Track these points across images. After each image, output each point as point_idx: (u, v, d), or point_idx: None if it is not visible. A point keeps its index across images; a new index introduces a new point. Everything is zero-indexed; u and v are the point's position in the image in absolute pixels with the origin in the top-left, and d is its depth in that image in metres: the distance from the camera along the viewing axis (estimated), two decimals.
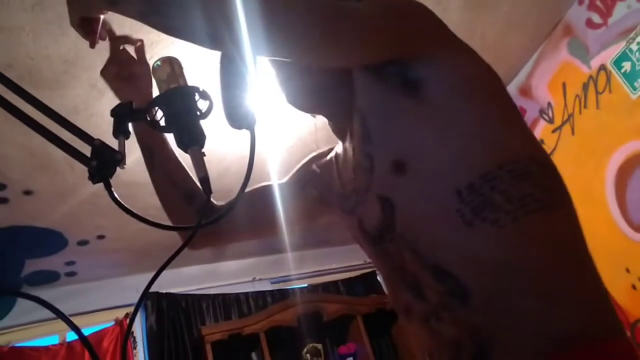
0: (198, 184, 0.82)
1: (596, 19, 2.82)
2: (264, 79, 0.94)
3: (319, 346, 4.34)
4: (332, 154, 1.17)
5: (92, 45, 1.02)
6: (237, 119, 0.83)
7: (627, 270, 2.70)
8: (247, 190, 0.84)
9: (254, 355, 4.18)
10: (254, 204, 1.18)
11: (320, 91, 1.06)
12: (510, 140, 0.86)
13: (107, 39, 1.09)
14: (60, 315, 0.68)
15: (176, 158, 1.14)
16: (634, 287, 2.67)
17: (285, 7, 0.80)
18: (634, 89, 2.63)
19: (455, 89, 0.88)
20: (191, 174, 1.15)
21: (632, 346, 0.74)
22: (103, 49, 1.09)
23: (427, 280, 0.82)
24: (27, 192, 3.03)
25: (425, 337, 0.88)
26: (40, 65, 2.23)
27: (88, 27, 0.98)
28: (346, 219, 1.07)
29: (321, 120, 1.14)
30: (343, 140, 1.08)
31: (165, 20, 0.80)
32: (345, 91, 0.98)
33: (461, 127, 0.85)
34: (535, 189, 0.80)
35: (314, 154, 1.26)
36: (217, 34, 0.79)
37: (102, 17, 0.99)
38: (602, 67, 2.81)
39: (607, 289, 0.68)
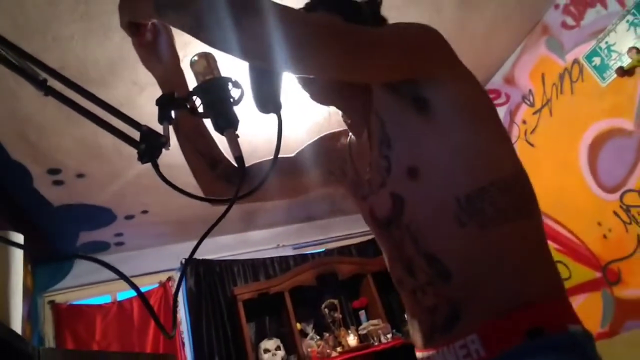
0: (225, 155, 0.88)
1: (570, 21, 2.88)
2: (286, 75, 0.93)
3: (335, 301, 4.35)
4: (346, 140, 1.18)
5: (139, 45, 0.99)
6: (265, 105, 0.82)
7: (599, 224, 2.84)
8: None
9: None
10: (278, 174, 1.20)
11: (341, 93, 1.07)
12: (501, 159, 0.93)
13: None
14: (121, 275, 0.68)
15: (200, 128, 1.13)
16: (604, 236, 2.82)
17: (316, 30, 0.79)
18: (603, 78, 2.70)
19: (458, 110, 0.92)
20: (219, 145, 1.16)
21: (565, 306, 0.86)
22: None
23: (420, 264, 0.92)
24: (80, 175, 3.05)
25: (411, 304, 0.99)
26: (88, 68, 2.24)
27: (135, 29, 0.95)
28: (358, 203, 1.13)
29: (334, 109, 1.14)
30: (357, 134, 1.10)
31: (209, 35, 0.78)
32: (365, 96, 1.02)
33: (463, 145, 0.91)
34: (515, 202, 0.88)
35: (326, 134, 1.27)
36: (254, 53, 0.79)
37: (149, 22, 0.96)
38: (576, 61, 2.87)
39: (583, 239, 0.82)
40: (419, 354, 0.99)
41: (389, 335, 4.03)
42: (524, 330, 0.80)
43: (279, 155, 0.78)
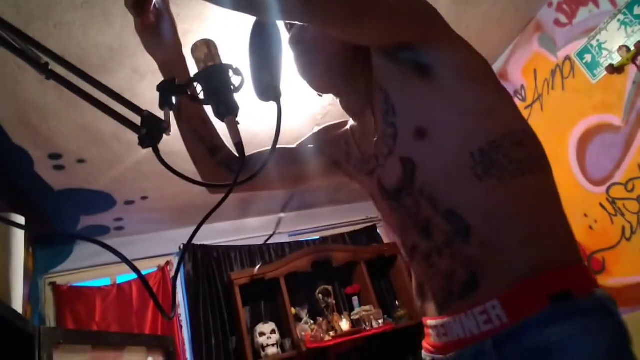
0: (225, 142, 0.85)
1: (563, 19, 2.87)
2: (286, 62, 0.91)
3: (329, 287, 4.36)
4: (347, 127, 1.17)
5: (143, 25, 0.96)
6: (265, 93, 0.81)
7: (585, 215, 2.86)
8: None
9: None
10: (278, 163, 1.19)
11: (343, 74, 1.06)
12: (507, 116, 0.91)
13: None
14: (121, 256, 0.67)
15: (201, 115, 1.12)
16: (590, 227, 2.84)
17: None
18: (594, 75, 2.70)
19: (459, 73, 0.91)
20: (219, 132, 1.15)
21: (587, 270, 0.83)
22: None
23: (438, 222, 0.87)
24: (80, 161, 3.02)
25: (422, 271, 0.94)
26: (89, 54, 2.21)
27: (140, 10, 0.92)
28: (365, 180, 1.09)
29: (333, 100, 1.13)
30: (360, 115, 1.08)
31: None
32: (366, 74, 1.01)
33: (469, 104, 0.89)
34: (528, 156, 0.86)
35: (325, 125, 1.26)
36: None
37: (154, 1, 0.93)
38: (567, 58, 2.87)
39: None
40: (430, 322, 0.95)
41: (381, 321, 4.05)
42: (549, 294, 0.76)
43: (281, 145, 0.77)
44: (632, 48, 2.42)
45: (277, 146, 0.78)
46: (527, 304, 0.77)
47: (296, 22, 1.02)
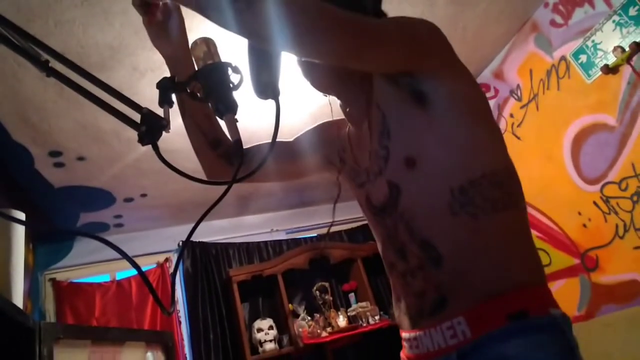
0: (228, 136, 0.88)
1: (558, 20, 2.87)
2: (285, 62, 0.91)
3: (326, 284, 4.36)
4: (345, 130, 1.17)
5: (149, 24, 0.97)
6: (264, 91, 0.81)
7: (579, 214, 2.87)
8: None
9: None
10: (276, 157, 1.20)
11: (343, 82, 1.07)
12: (493, 154, 0.94)
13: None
14: (121, 252, 0.66)
15: (204, 109, 1.12)
16: (584, 225, 2.85)
17: (322, 14, 0.78)
18: (589, 75, 2.71)
19: (455, 105, 0.93)
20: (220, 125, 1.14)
21: (546, 292, 0.89)
22: (144, 36, 1.04)
23: (413, 249, 0.93)
24: (80, 158, 3.02)
25: (399, 287, 1.00)
26: (89, 52, 2.21)
27: (146, 8, 0.93)
28: (355, 190, 1.13)
29: (333, 98, 1.13)
30: (357, 124, 1.09)
31: (215, 14, 0.77)
32: (366, 87, 1.02)
33: (459, 139, 0.92)
34: (504, 195, 0.90)
35: (327, 121, 1.26)
36: (260, 34, 0.76)
37: (161, 1, 0.94)
38: (563, 58, 2.87)
39: (564, 227, 0.83)
40: (405, 335, 1.00)
41: (377, 317, 4.06)
42: (507, 313, 0.82)
43: (279, 140, 0.78)
44: (627, 49, 2.42)
45: (277, 140, 0.78)
46: (489, 321, 0.83)
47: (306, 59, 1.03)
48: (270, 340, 3.91)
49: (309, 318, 4.06)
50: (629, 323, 2.30)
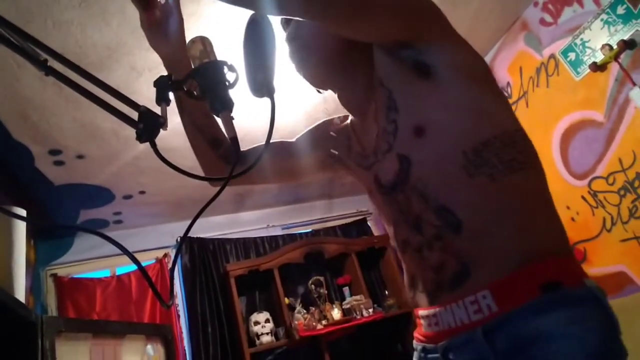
0: (224, 134, 0.86)
1: (548, 18, 2.88)
2: (279, 59, 0.90)
3: (321, 278, 4.37)
4: (347, 122, 1.16)
5: (148, 23, 0.95)
6: (259, 89, 0.81)
7: (568, 207, 2.88)
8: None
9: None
10: (274, 156, 1.18)
11: (338, 70, 1.05)
12: (502, 116, 0.91)
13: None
14: (121, 248, 0.67)
15: (203, 108, 1.10)
16: (572, 219, 2.86)
17: None
18: (577, 73, 2.71)
19: (457, 73, 0.90)
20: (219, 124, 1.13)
21: (576, 262, 0.83)
22: (141, 36, 1.03)
23: (428, 218, 0.88)
24: (80, 156, 3.01)
25: (414, 264, 0.95)
26: (87, 52, 2.20)
27: (145, 4, 0.92)
28: (363, 174, 1.08)
29: (329, 95, 1.12)
30: (360, 111, 1.07)
31: None
32: (368, 70, 1.00)
33: (466, 104, 0.89)
34: (519, 155, 0.86)
35: (325, 119, 1.24)
36: None
37: None
38: (552, 56, 2.87)
39: None
40: (422, 312, 0.95)
41: (371, 310, 4.07)
42: (538, 284, 0.76)
43: (279, 139, 0.77)
44: (615, 46, 2.43)
45: (276, 140, 0.78)
46: (518, 294, 0.77)
47: (294, 18, 1.00)
48: (267, 333, 3.92)
49: (305, 311, 4.08)
50: (617, 313, 2.31)
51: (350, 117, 1.14)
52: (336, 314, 4.11)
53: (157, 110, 0.75)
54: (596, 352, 0.71)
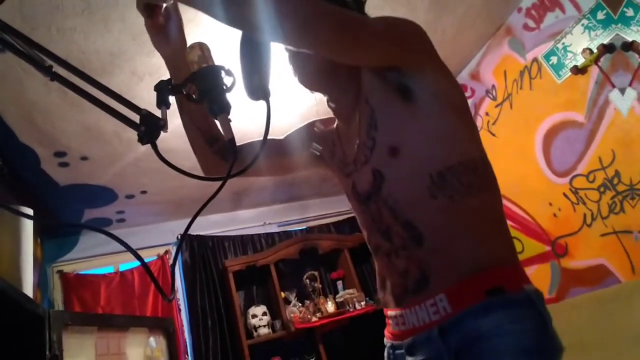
0: (220, 131, 0.88)
1: (531, 24, 2.88)
2: (275, 64, 0.91)
3: (316, 273, 4.38)
4: (333, 126, 1.18)
5: (152, 27, 0.96)
6: (255, 92, 0.82)
7: (550, 204, 2.90)
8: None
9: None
10: (267, 154, 1.21)
11: (334, 78, 1.07)
12: (469, 145, 0.96)
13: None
14: (125, 245, 0.67)
15: (201, 108, 1.10)
16: (555, 215, 2.88)
17: (313, 5, 0.78)
18: (559, 76, 2.72)
19: (437, 100, 0.95)
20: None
21: (519, 270, 0.91)
22: (141, 42, 1.03)
23: (397, 229, 0.94)
24: (84, 158, 3.00)
25: (383, 266, 1.01)
26: (90, 58, 2.18)
27: (150, 12, 0.92)
28: (343, 180, 1.14)
29: (321, 98, 1.14)
30: (346, 119, 1.10)
31: (208, 6, 0.76)
32: (356, 82, 1.03)
33: (439, 130, 0.93)
34: (478, 180, 0.92)
35: (316, 119, 1.26)
36: (251, 23, 0.76)
37: (164, 5, 0.93)
38: (535, 60, 2.88)
39: (535, 217, 0.82)
40: (390, 313, 1.01)
41: (363, 303, 4.08)
42: (485, 289, 0.83)
43: (271, 137, 0.78)
44: (595, 50, 2.45)
45: (269, 138, 0.78)
46: (468, 297, 0.84)
47: (289, 47, 1.02)
48: (264, 326, 3.93)
49: (300, 304, 4.08)
50: (596, 304, 2.33)
51: (337, 122, 1.16)
52: (330, 307, 4.12)
53: (158, 113, 0.75)
54: (529, 347, 0.80)
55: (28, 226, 1.41)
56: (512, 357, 0.79)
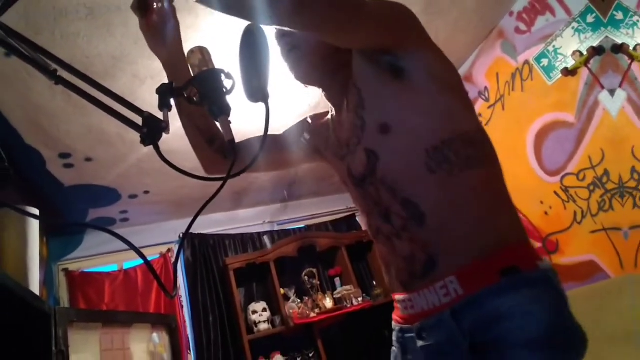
0: (220, 131, 0.88)
1: (522, 27, 2.89)
2: (274, 67, 0.91)
3: (314, 270, 4.37)
4: (328, 117, 1.18)
5: (147, 28, 0.96)
6: (254, 95, 0.82)
7: (541, 202, 2.89)
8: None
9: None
10: (266, 151, 1.21)
11: (324, 72, 1.07)
12: (465, 119, 0.93)
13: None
14: (129, 244, 0.67)
15: (201, 110, 1.09)
16: (546, 213, 2.87)
17: None
18: (550, 78, 2.72)
19: (429, 78, 0.91)
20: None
21: (531, 248, 0.87)
22: (143, 46, 1.03)
23: (396, 209, 0.91)
24: (88, 159, 3.00)
25: (387, 252, 0.97)
26: (93, 62, 2.18)
27: (144, 11, 0.93)
28: (338, 164, 1.11)
29: (318, 101, 1.14)
30: (338, 105, 1.09)
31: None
32: (346, 70, 1.01)
33: (432, 106, 0.90)
34: (476, 153, 0.89)
35: (311, 115, 1.27)
36: (250, 7, 0.74)
37: (156, 4, 0.93)
38: (527, 62, 2.88)
39: (527, 215, 0.82)
40: (398, 297, 0.98)
41: (360, 299, 4.08)
42: (498, 269, 0.80)
43: (269, 134, 0.78)
44: (585, 53, 2.45)
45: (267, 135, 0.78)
46: (481, 278, 0.81)
47: (289, 29, 1.02)
48: (264, 321, 3.93)
49: (299, 301, 4.08)
50: (587, 298, 2.34)
51: (331, 112, 1.16)
52: (328, 303, 4.12)
53: (160, 115, 0.75)
54: (550, 325, 0.76)
55: (34, 226, 1.42)
56: (538, 336, 0.75)
